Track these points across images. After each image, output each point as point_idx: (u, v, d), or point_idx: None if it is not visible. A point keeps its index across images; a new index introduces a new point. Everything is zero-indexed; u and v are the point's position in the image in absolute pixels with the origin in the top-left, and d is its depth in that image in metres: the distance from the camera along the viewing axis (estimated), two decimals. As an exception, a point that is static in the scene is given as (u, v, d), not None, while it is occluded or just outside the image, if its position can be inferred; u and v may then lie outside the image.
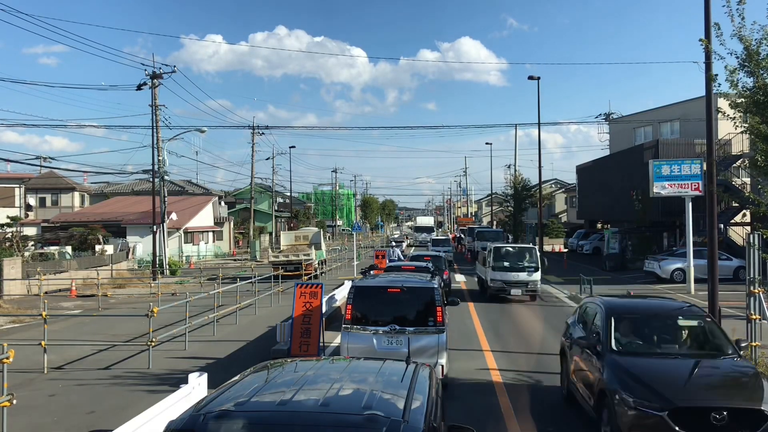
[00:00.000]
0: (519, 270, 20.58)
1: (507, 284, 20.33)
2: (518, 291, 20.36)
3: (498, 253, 21.14)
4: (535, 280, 20.55)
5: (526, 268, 20.62)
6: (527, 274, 20.49)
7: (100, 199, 53.31)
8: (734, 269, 24.66)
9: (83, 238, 36.85)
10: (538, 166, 34.65)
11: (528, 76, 33.45)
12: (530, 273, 20.52)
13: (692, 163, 24.06)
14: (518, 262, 20.80)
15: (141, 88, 32.73)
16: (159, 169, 33.05)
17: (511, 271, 20.54)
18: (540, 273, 21.15)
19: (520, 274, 20.49)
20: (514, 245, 23.69)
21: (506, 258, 20.97)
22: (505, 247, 22.11)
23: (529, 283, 20.43)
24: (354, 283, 10.59)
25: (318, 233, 35.94)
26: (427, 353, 9.18)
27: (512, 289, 20.27)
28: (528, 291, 20.52)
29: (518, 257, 21.13)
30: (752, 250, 10.37)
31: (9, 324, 18.02)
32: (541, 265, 21.52)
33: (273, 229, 57.37)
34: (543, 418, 8.56)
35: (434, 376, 4.44)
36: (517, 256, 21.22)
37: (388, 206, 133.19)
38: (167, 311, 15.75)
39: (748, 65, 10.34)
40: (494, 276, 20.67)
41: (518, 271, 20.56)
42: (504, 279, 20.42)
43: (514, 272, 20.50)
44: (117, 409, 9.05)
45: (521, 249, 21.99)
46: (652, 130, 40.41)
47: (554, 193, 70.12)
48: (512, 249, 21.91)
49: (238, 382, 3.93)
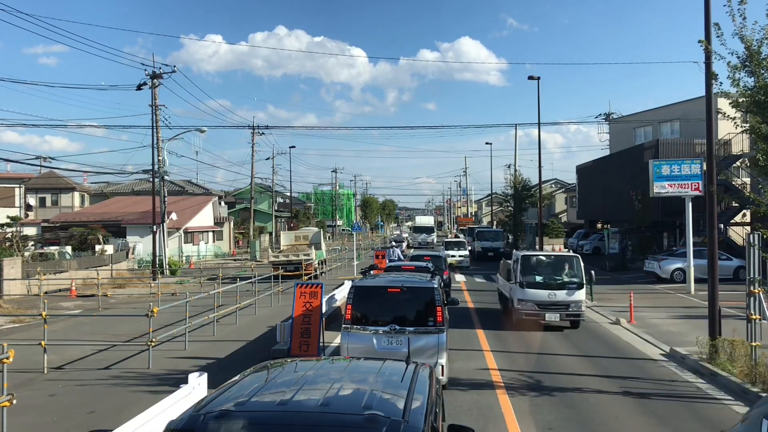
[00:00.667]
0: (557, 287, 15.67)
1: (541, 306, 15.45)
2: (555, 316, 15.34)
3: (528, 263, 16.17)
4: (578, 300, 15.57)
5: (567, 285, 15.63)
6: (567, 293, 15.54)
7: (100, 199, 53.31)
8: (734, 269, 24.68)
9: (83, 238, 36.85)
10: (538, 166, 34.60)
11: (528, 76, 33.36)
12: (571, 291, 15.55)
13: (692, 163, 24.06)
14: (555, 277, 16.01)
15: (141, 88, 32.73)
16: (159, 169, 33.05)
17: (546, 289, 15.61)
18: (585, 291, 16.18)
19: (558, 292, 15.55)
20: (549, 254, 18.22)
21: (539, 270, 16.18)
22: (538, 256, 17.04)
23: (571, 304, 15.46)
24: (354, 283, 10.59)
25: (318, 233, 35.96)
26: (427, 353, 9.19)
27: (547, 314, 15.34)
28: (569, 315, 15.52)
29: (555, 269, 16.25)
30: (752, 250, 10.37)
31: (9, 324, 18.02)
32: (587, 279, 16.56)
33: (273, 229, 57.38)
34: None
35: (434, 376, 4.45)
36: (553, 267, 16.32)
37: (388, 206, 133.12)
38: (167, 311, 15.75)
39: (749, 65, 10.34)
40: (523, 295, 15.63)
41: (555, 289, 15.62)
42: (537, 299, 15.49)
43: (550, 290, 15.59)
44: (117, 409, 9.05)
45: (559, 259, 16.75)
46: (652, 130, 40.42)
47: (554, 193, 70.11)
48: (547, 259, 16.96)
49: (238, 382, 3.93)
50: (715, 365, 10.97)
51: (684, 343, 12.91)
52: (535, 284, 15.72)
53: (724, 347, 11.09)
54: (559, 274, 16.05)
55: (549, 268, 16.32)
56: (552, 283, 15.76)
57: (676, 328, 15.81)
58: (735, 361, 10.60)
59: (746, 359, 10.34)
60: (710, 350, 11.37)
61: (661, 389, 10.21)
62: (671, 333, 15.02)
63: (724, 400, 9.59)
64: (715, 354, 11.20)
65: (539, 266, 16.34)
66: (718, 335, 11.67)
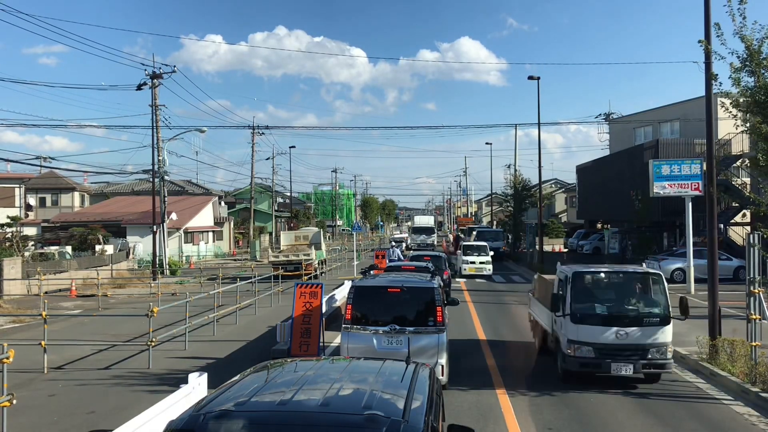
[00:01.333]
0: (629, 322, 10.20)
1: (604, 352, 10.03)
2: (627, 368, 9.98)
3: (583, 286, 10.79)
4: (663, 343, 10.12)
5: (644, 319, 10.25)
6: (645, 331, 10.10)
7: (100, 199, 53.33)
8: (734, 269, 24.69)
9: (83, 238, 36.86)
10: (538, 166, 34.64)
11: (528, 76, 33.42)
12: (652, 328, 10.14)
13: (692, 163, 24.05)
14: (627, 306, 10.58)
15: (141, 88, 32.74)
16: (159, 169, 33.05)
17: (613, 324, 10.15)
18: (671, 328, 10.37)
19: (631, 330, 10.08)
20: (615, 269, 11.66)
21: (601, 296, 10.87)
22: (598, 275, 11.20)
23: (650, 349, 10.02)
24: (354, 283, 10.59)
25: (318, 233, 35.97)
26: (427, 353, 9.19)
27: (614, 364, 9.95)
28: (648, 366, 10.08)
29: (626, 294, 10.82)
30: (752, 250, 10.37)
31: (9, 324, 18.01)
32: (682, 310, 10.46)
33: (273, 229, 57.39)
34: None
35: (434, 376, 4.45)
36: (623, 291, 10.93)
37: (388, 206, 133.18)
38: (167, 311, 15.74)
39: (750, 65, 10.36)
40: (576, 334, 10.17)
41: (627, 324, 10.15)
42: (598, 341, 10.06)
43: (618, 326, 10.11)
44: (117, 409, 9.06)
45: (631, 278, 11.19)
46: (652, 130, 40.44)
47: (554, 193, 70.21)
48: (613, 278, 11.22)
49: (238, 382, 3.93)
50: (715, 365, 10.97)
51: (684, 343, 12.90)
52: (596, 318, 10.24)
53: (724, 347, 11.09)
54: (632, 302, 10.61)
55: (616, 292, 10.91)
56: (622, 315, 10.26)
57: (676, 328, 15.72)
58: (735, 361, 10.60)
59: (746, 359, 10.35)
60: (710, 350, 11.37)
61: (661, 389, 10.21)
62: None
63: (724, 400, 9.59)
64: (715, 354, 11.20)
65: (601, 289, 10.97)
66: (718, 335, 11.68)
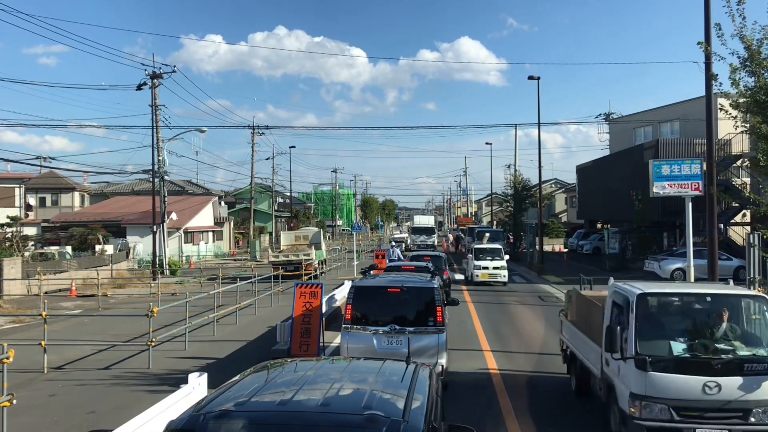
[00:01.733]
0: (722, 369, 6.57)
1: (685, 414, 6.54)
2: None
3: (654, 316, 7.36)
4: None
5: (744, 363, 6.59)
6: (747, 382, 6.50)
7: (100, 199, 53.33)
8: (734, 269, 24.66)
9: (83, 238, 36.85)
10: (538, 166, 34.66)
11: (528, 76, 33.42)
12: (756, 378, 6.50)
13: (692, 163, 23.91)
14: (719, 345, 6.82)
15: (141, 88, 32.73)
16: (159, 169, 33.04)
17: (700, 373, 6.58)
18: None
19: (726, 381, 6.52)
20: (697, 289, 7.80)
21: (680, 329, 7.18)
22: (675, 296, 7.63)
23: (754, 409, 6.47)
24: (354, 283, 10.59)
25: (318, 233, 35.96)
26: (427, 353, 9.18)
27: (701, 430, 6.51)
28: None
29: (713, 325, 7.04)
30: (752, 250, 10.39)
31: (9, 324, 18.01)
32: None
33: (273, 229, 57.39)
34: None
35: (434, 376, 4.44)
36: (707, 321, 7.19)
37: (388, 206, 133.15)
38: (167, 311, 15.74)
39: (750, 65, 10.36)
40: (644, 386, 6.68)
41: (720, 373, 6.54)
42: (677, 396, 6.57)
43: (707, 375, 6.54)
44: (117, 409, 9.06)
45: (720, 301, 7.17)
46: (652, 130, 40.43)
47: (554, 193, 70.17)
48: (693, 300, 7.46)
49: (238, 382, 3.93)
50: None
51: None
52: (674, 363, 6.71)
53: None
54: (727, 338, 6.90)
55: (702, 322, 7.24)
56: (713, 359, 6.65)
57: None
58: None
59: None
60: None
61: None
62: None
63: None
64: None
65: (679, 319, 7.39)
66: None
